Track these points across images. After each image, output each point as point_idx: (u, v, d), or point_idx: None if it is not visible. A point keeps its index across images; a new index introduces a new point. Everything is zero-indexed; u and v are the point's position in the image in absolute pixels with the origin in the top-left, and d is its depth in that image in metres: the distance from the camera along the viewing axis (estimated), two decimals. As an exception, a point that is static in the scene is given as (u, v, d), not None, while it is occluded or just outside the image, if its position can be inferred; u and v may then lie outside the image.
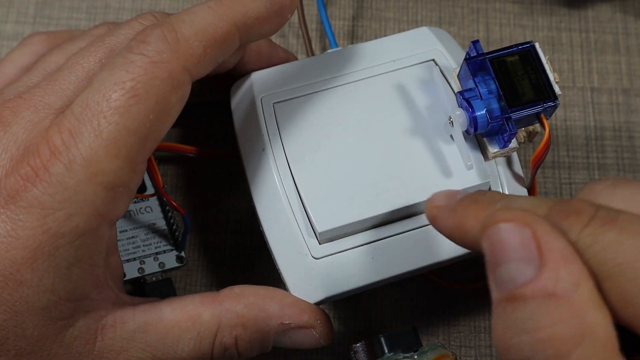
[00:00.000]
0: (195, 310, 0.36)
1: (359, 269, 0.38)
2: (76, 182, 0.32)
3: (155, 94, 0.33)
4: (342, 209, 0.38)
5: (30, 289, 0.32)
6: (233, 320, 0.36)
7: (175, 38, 0.33)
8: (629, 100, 0.48)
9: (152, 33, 0.33)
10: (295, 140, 0.39)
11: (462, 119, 0.37)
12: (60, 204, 0.32)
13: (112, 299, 0.35)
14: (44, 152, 0.32)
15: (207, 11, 0.35)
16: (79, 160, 0.32)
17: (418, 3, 0.50)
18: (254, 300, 0.36)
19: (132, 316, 0.35)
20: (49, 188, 0.32)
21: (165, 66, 0.33)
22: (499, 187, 0.39)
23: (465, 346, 0.43)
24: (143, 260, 0.43)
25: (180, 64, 0.33)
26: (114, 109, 0.32)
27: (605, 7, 0.50)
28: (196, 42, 0.34)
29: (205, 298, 0.36)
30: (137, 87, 0.32)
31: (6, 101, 0.35)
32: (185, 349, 0.35)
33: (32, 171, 0.32)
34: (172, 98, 0.33)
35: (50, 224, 0.32)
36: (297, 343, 0.37)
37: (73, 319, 0.33)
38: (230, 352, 0.36)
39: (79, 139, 0.32)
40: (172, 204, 0.41)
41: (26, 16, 0.49)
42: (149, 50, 0.33)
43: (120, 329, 0.35)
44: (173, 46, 0.33)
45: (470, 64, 0.38)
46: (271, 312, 0.37)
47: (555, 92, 0.37)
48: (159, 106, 0.33)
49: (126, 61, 0.33)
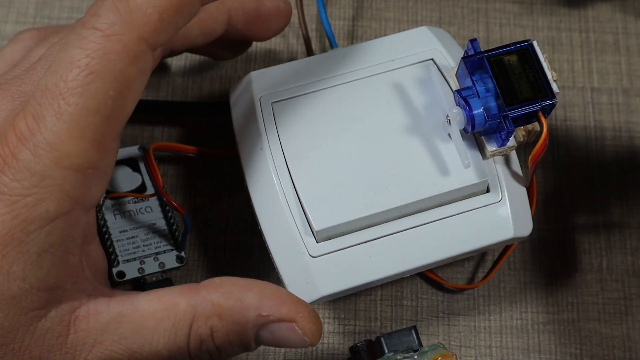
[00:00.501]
0: (172, 300, 0.34)
1: (357, 267, 0.38)
2: (42, 167, 0.32)
3: (112, 69, 0.31)
4: (339, 207, 0.38)
5: (1, 276, 0.32)
6: (208, 309, 0.34)
7: (126, 7, 0.32)
8: (629, 100, 0.48)
9: (103, 4, 0.32)
10: (293, 139, 0.39)
11: (459, 117, 0.37)
12: (28, 190, 0.32)
13: (87, 291, 0.34)
14: (11, 139, 0.32)
15: None
16: (43, 145, 0.31)
17: (418, 3, 0.50)
18: (231, 289, 0.34)
19: (106, 307, 0.34)
20: (17, 174, 0.32)
21: (119, 38, 0.31)
22: (497, 186, 0.39)
23: (465, 346, 0.43)
24: (143, 260, 0.43)
25: (135, 35, 0.32)
26: (71, 90, 0.31)
27: (605, 7, 0.50)
28: (149, 9, 0.32)
29: (184, 288, 0.35)
30: (92, 64, 0.31)
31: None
32: (160, 341, 0.34)
33: (1, 159, 0.32)
34: (131, 71, 0.32)
35: (19, 209, 0.31)
36: (280, 340, 0.35)
37: (45, 310, 0.33)
38: (207, 344, 0.35)
39: (42, 124, 0.32)
40: (172, 204, 0.41)
41: (26, 16, 0.49)
42: (101, 24, 0.31)
43: (94, 320, 0.34)
44: (125, 17, 0.32)
45: (468, 62, 0.38)
46: (248, 302, 0.34)
47: (553, 90, 0.37)
48: (118, 82, 0.32)
49: (79, 37, 0.32)
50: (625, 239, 0.45)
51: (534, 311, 0.44)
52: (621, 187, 0.46)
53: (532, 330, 0.43)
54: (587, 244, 0.45)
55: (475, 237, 0.39)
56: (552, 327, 0.44)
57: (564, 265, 0.45)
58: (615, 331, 0.43)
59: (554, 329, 0.43)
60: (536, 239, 0.45)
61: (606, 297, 0.44)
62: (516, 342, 0.43)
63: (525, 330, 0.43)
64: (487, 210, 0.39)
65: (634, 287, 0.44)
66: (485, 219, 0.39)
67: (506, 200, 0.39)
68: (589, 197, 0.46)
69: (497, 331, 0.43)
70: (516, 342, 0.43)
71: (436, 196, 0.38)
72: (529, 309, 0.44)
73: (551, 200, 0.46)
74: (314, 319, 0.35)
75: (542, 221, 0.45)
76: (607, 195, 0.46)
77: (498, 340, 0.43)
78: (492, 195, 0.39)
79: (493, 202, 0.39)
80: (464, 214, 0.39)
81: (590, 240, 0.45)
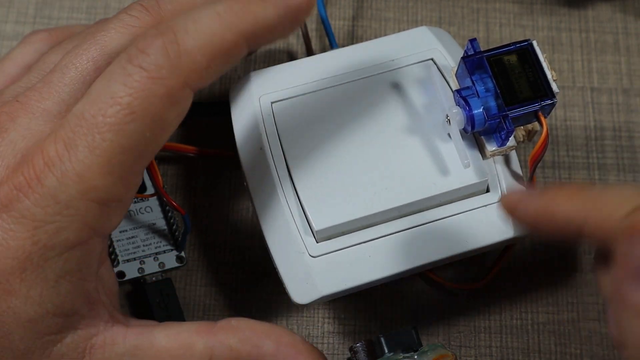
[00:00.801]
0: (189, 339, 0.35)
1: (357, 267, 0.38)
2: (68, 197, 0.31)
3: (152, 111, 0.31)
4: (339, 207, 0.38)
5: (18, 299, 0.32)
6: (225, 353, 0.35)
7: (177, 51, 0.31)
8: (629, 100, 0.48)
9: (153, 44, 0.31)
10: (293, 139, 0.39)
11: (459, 117, 0.37)
12: (51, 217, 0.31)
13: (104, 318, 0.34)
14: (37, 162, 0.32)
15: (215, 19, 0.32)
16: (71, 175, 0.31)
17: (418, 3, 0.50)
18: (249, 335, 0.35)
19: (123, 338, 0.34)
20: (41, 200, 0.31)
21: (164, 82, 0.31)
22: (497, 186, 0.39)
23: (465, 346, 0.43)
24: (143, 260, 0.43)
25: (181, 80, 0.31)
26: (109, 126, 0.31)
27: (605, 7, 0.50)
28: (199, 55, 0.31)
29: (201, 327, 0.35)
30: (133, 104, 0.31)
31: (3, 105, 0.34)
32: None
33: (25, 182, 0.32)
34: (170, 115, 0.32)
35: (40, 235, 0.31)
36: None
37: (61, 335, 0.33)
38: None
39: (72, 153, 0.31)
40: (172, 204, 0.41)
41: (26, 16, 0.49)
42: (148, 64, 0.31)
43: (110, 351, 0.34)
44: (174, 61, 0.31)
45: (468, 62, 0.38)
46: (265, 350, 0.35)
47: (552, 90, 0.37)
48: (156, 124, 0.31)
49: (124, 73, 0.31)
50: (625, 239, 0.45)
51: (534, 311, 0.44)
52: (621, 187, 0.46)
53: (532, 330, 0.43)
54: (587, 244, 0.45)
55: (475, 236, 0.39)
56: (552, 327, 0.43)
57: (564, 265, 0.45)
58: (615, 331, 0.43)
59: (554, 329, 0.43)
60: (536, 239, 0.45)
61: (606, 297, 0.44)
62: (516, 342, 0.43)
63: (525, 330, 0.43)
64: (487, 210, 0.39)
65: (634, 287, 0.44)
66: (485, 218, 0.39)
67: (506, 200, 0.39)
68: (589, 197, 0.46)
69: (497, 331, 0.43)
70: (516, 342, 0.43)
71: (436, 196, 0.38)
72: (529, 309, 0.44)
73: (551, 200, 0.46)
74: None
75: (542, 221, 0.45)
76: (607, 195, 0.46)
77: (498, 340, 0.43)
78: (492, 195, 0.39)
79: (493, 202, 0.39)
80: (464, 213, 0.39)
81: (590, 240, 0.45)
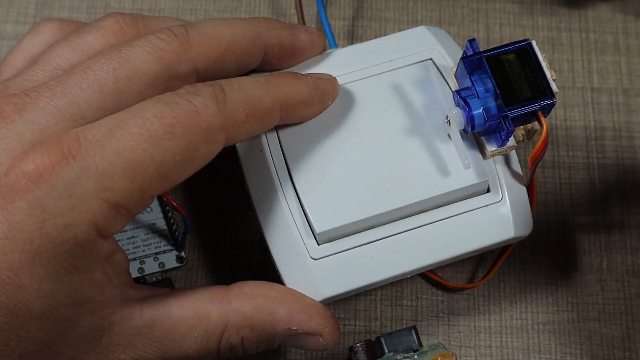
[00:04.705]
0: (204, 308, 0.36)
1: (358, 269, 0.38)
2: (83, 192, 0.31)
3: (189, 138, 0.33)
4: (340, 209, 0.38)
5: (30, 294, 0.32)
6: (241, 321, 0.36)
7: (223, 99, 0.34)
8: (629, 100, 0.48)
9: (204, 88, 0.34)
10: (293, 141, 0.39)
11: (459, 117, 0.37)
12: (61, 210, 0.31)
13: (118, 297, 0.35)
14: (55, 153, 0.31)
15: (255, 84, 0.36)
16: (92, 170, 0.31)
17: (418, 3, 0.50)
18: (263, 303, 0.36)
19: (139, 312, 0.35)
20: (54, 192, 0.31)
21: (207, 119, 0.33)
22: (497, 186, 0.39)
23: (465, 346, 0.43)
24: (143, 260, 0.43)
25: (221, 123, 0.34)
26: (146, 137, 0.32)
27: (605, 7, 0.50)
28: (240, 108, 0.35)
29: (214, 295, 0.36)
30: (175, 126, 0.33)
31: (10, 96, 0.34)
32: (192, 345, 0.36)
33: (36, 170, 0.31)
34: (202, 150, 0.34)
35: (48, 229, 0.31)
36: (303, 346, 0.38)
37: (78, 320, 0.33)
38: (236, 349, 0.37)
39: (99, 150, 0.32)
40: (172, 204, 0.41)
41: (26, 16, 0.49)
42: (197, 101, 0.34)
43: (128, 325, 0.34)
44: (220, 105, 0.34)
45: (467, 62, 0.38)
46: (279, 316, 0.36)
47: (552, 89, 0.37)
48: (188, 152, 0.33)
49: (172, 101, 0.33)
50: (625, 239, 0.45)
51: (534, 311, 0.44)
52: (621, 187, 0.46)
53: (532, 330, 0.43)
54: (587, 244, 0.45)
55: (476, 237, 0.39)
56: (552, 327, 0.44)
57: (564, 265, 0.45)
58: (615, 331, 0.43)
59: (554, 329, 0.43)
60: (536, 239, 0.45)
61: (606, 297, 0.44)
62: (516, 342, 0.43)
63: (525, 330, 0.43)
64: (488, 210, 0.39)
65: (634, 287, 0.44)
66: (486, 219, 0.39)
67: (506, 200, 0.39)
68: (589, 197, 0.46)
69: (497, 331, 0.43)
70: (516, 342, 0.43)
71: (437, 197, 0.38)
72: (529, 309, 0.44)
73: (551, 200, 0.46)
74: (337, 331, 0.38)
75: (542, 221, 0.45)
76: (607, 195, 0.46)
77: (498, 340, 0.43)
78: (492, 195, 0.39)
79: (493, 202, 0.39)
80: (464, 214, 0.39)
81: (590, 240, 0.45)
